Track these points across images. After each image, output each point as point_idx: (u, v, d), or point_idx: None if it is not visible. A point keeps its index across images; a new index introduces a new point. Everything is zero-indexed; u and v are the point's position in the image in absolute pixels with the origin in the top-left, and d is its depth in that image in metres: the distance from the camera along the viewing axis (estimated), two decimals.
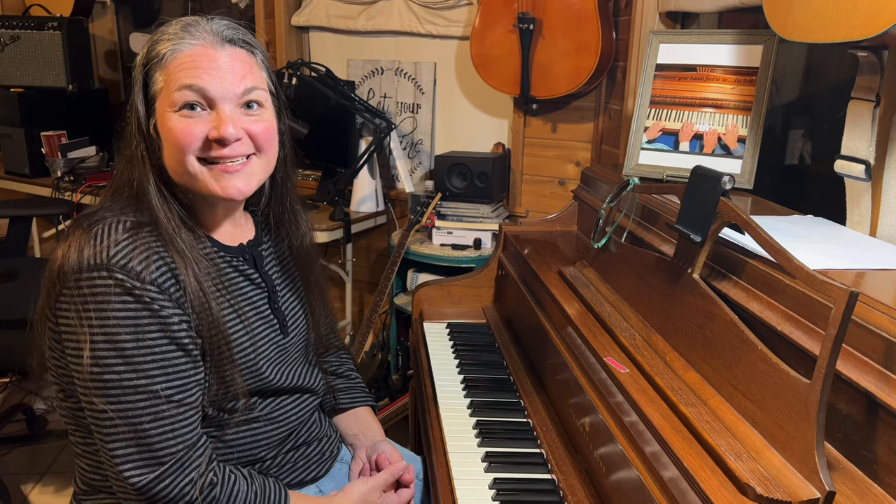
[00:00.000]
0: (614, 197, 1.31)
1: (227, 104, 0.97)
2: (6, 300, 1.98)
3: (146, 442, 0.92)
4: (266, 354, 1.07)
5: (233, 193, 0.99)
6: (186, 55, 0.96)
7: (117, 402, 0.91)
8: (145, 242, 0.94)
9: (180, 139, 0.95)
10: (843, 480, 0.77)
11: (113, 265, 0.90)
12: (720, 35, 1.55)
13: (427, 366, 1.48)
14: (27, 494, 2.16)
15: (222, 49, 0.98)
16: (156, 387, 0.92)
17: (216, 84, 0.95)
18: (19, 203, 2.89)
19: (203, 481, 0.95)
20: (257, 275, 1.11)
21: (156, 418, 0.92)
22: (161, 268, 0.93)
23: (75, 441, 1.04)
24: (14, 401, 2.54)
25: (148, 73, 0.98)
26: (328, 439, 1.22)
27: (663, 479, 0.83)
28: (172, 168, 0.98)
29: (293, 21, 2.89)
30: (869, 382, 0.77)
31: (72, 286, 0.90)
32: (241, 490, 1.00)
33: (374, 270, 2.94)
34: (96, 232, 0.92)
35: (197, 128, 0.95)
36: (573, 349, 1.18)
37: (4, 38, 2.98)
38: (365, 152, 2.53)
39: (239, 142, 0.98)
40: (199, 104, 0.96)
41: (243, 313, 1.04)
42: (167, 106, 0.96)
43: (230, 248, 1.08)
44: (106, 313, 0.90)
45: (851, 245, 1.12)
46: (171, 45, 0.96)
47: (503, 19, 2.25)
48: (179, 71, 0.95)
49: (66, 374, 0.97)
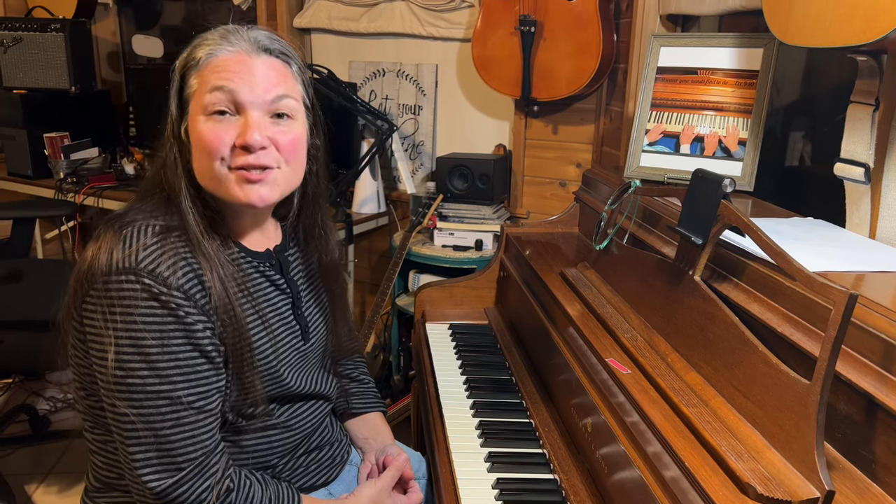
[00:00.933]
0: (616, 199, 1.32)
1: (255, 110, 0.96)
2: (11, 301, 2.00)
3: (166, 447, 0.93)
4: (287, 360, 1.08)
5: (255, 200, 0.98)
6: (222, 60, 0.97)
7: (139, 407, 0.92)
8: (173, 247, 0.94)
9: (208, 144, 0.95)
10: (843, 480, 0.78)
11: (141, 269, 0.90)
12: (721, 38, 1.56)
13: (430, 367, 1.49)
14: (31, 495, 2.16)
15: (258, 57, 0.98)
16: (178, 393, 0.93)
17: (246, 88, 0.95)
18: (22, 204, 2.90)
19: (220, 487, 0.96)
20: (283, 280, 1.11)
21: (176, 424, 0.93)
22: (188, 273, 0.94)
23: (91, 438, 1.05)
24: (17, 401, 2.55)
25: (184, 77, 0.99)
26: (339, 444, 1.23)
27: (665, 478, 0.84)
28: (200, 172, 0.99)
29: (295, 23, 2.90)
30: (868, 383, 0.78)
31: (99, 288, 0.91)
32: (257, 495, 1.01)
33: (375, 271, 2.95)
34: (126, 235, 0.93)
35: (226, 133, 0.95)
36: (575, 350, 1.19)
37: (7, 39, 2.99)
38: (367, 154, 2.54)
39: (264, 150, 0.97)
40: (228, 109, 0.96)
41: (266, 318, 1.05)
42: (198, 109, 0.97)
43: (257, 253, 1.08)
44: (132, 318, 0.90)
45: (851, 247, 1.13)
46: (209, 50, 0.98)
47: (505, 22, 2.26)
48: (213, 73, 0.96)
49: (88, 373, 0.98)
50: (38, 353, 1.04)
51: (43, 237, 3.31)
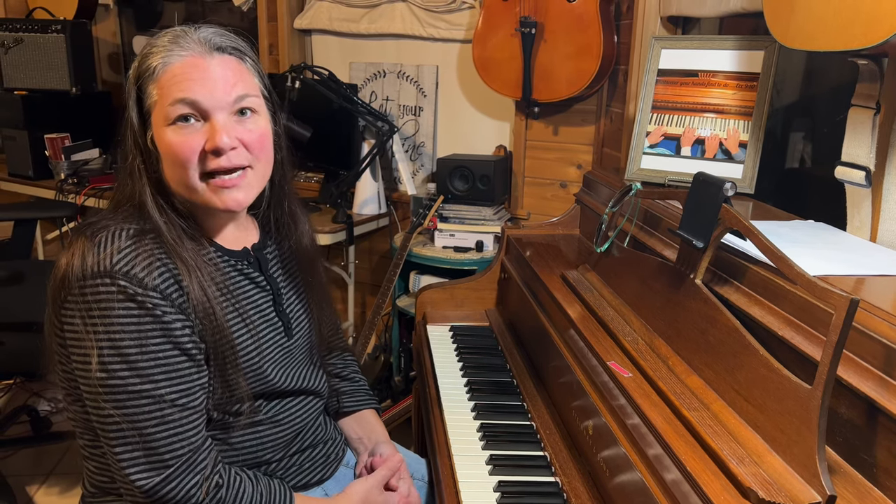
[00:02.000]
0: (617, 202, 1.32)
1: (220, 113, 0.97)
2: (12, 303, 2.00)
3: (152, 446, 0.94)
4: (271, 357, 1.08)
5: (232, 206, 1.00)
6: (178, 67, 0.97)
7: (123, 407, 0.92)
8: (148, 249, 0.95)
9: (179, 154, 0.96)
10: (844, 484, 0.78)
11: (116, 272, 0.91)
12: (721, 41, 1.56)
13: (431, 369, 1.49)
14: (32, 495, 2.17)
15: (212, 58, 0.98)
16: (160, 391, 0.93)
17: (208, 95, 0.96)
18: (24, 206, 2.90)
19: (209, 483, 0.97)
20: (262, 278, 1.12)
21: (161, 422, 0.94)
22: (164, 274, 0.95)
23: (83, 444, 1.05)
24: (18, 402, 2.55)
25: (141, 87, 0.98)
26: (333, 442, 1.24)
27: (666, 481, 0.84)
28: (174, 181, 0.99)
29: (296, 24, 2.90)
30: (869, 388, 0.78)
31: (76, 294, 0.92)
32: (247, 491, 1.01)
33: (376, 272, 2.95)
34: (100, 240, 0.93)
35: (194, 141, 0.96)
36: (576, 352, 1.19)
37: (8, 40, 2.99)
38: (367, 155, 2.54)
39: (234, 151, 0.98)
40: (192, 115, 0.97)
41: (248, 317, 1.06)
42: (162, 120, 0.97)
43: (234, 252, 1.09)
44: (110, 319, 0.91)
45: (852, 251, 1.13)
46: (162, 59, 0.97)
47: (505, 23, 2.26)
48: (172, 84, 0.96)
49: (73, 379, 0.99)
50: (40, 355, 1.04)
51: (43, 238, 3.32)
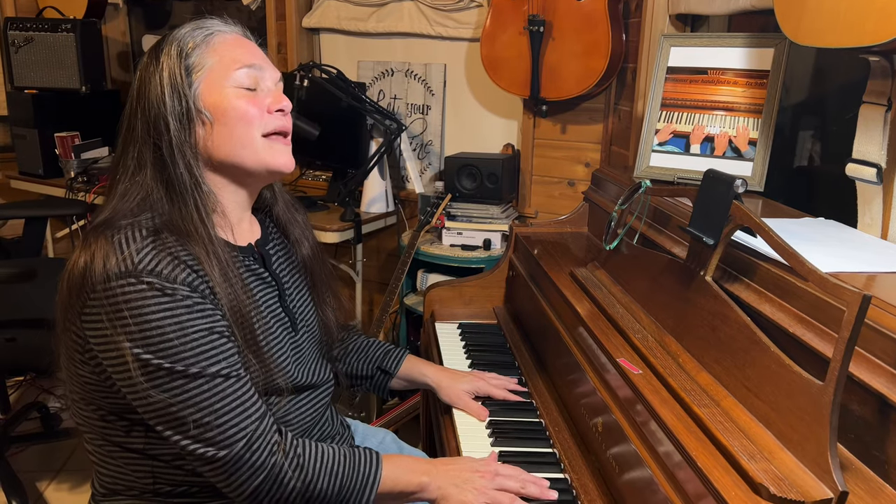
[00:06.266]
0: (626, 199, 1.32)
1: (274, 86, 1.06)
2: (24, 300, 2.01)
3: (220, 421, 0.93)
4: (283, 352, 1.09)
5: (284, 164, 1.06)
6: (231, 37, 1.04)
7: (181, 394, 0.92)
8: (167, 247, 0.95)
9: (248, 111, 1.02)
10: (856, 481, 0.78)
11: (140, 271, 0.91)
12: (731, 38, 1.56)
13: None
14: (43, 492, 2.18)
15: (251, 42, 1.07)
16: (211, 369, 0.93)
17: (266, 67, 1.06)
18: (34, 204, 2.92)
19: (284, 444, 0.97)
20: (268, 273, 1.12)
21: (222, 397, 0.94)
22: (185, 269, 0.94)
23: (92, 449, 1.05)
24: (29, 399, 2.57)
25: (187, 60, 1.00)
26: (340, 437, 1.24)
27: (677, 478, 0.84)
28: (232, 143, 1.02)
29: (304, 23, 2.91)
30: (881, 384, 0.78)
31: (100, 296, 0.91)
32: (327, 451, 1.01)
33: (384, 270, 2.95)
34: (118, 240, 0.93)
35: (260, 103, 1.03)
36: (585, 350, 1.19)
37: (18, 39, 3.01)
38: (375, 153, 2.55)
39: (287, 117, 1.07)
40: (257, 79, 1.04)
41: (259, 312, 1.06)
42: (222, 82, 1.01)
43: (241, 248, 1.09)
44: (144, 316, 0.90)
45: (863, 248, 1.13)
46: (204, 32, 1.02)
47: (513, 21, 2.26)
48: (235, 49, 1.03)
49: (89, 382, 0.98)
50: (50, 352, 1.04)
51: (53, 236, 3.34)
